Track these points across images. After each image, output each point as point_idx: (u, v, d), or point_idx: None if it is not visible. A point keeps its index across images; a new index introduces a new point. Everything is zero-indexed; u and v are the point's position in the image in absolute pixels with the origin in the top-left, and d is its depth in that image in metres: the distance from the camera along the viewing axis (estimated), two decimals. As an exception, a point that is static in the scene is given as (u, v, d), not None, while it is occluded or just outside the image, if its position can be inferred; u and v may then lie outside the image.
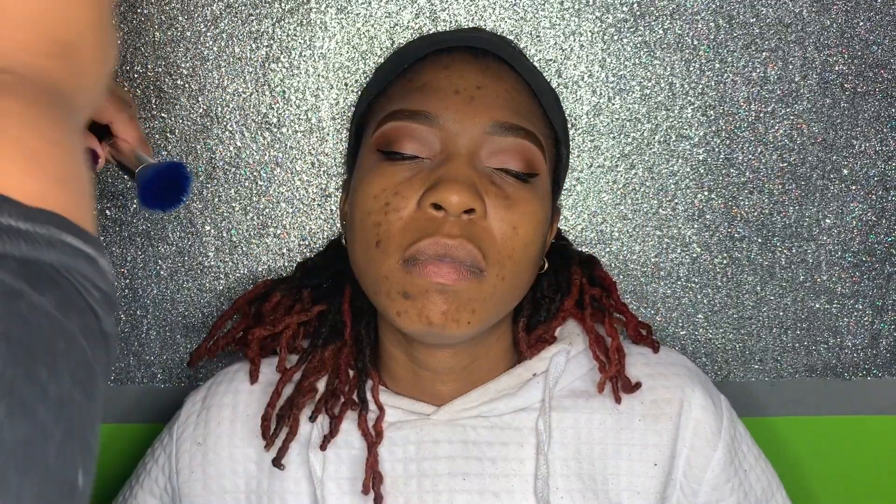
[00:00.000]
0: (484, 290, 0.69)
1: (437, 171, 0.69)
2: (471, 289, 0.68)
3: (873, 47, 0.90)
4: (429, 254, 0.67)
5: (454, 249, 0.67)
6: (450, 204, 0.67)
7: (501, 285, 0.70)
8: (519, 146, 0.71)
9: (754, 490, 0.79)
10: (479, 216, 0.68)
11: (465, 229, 0.68)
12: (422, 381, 0.76)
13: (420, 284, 0.67)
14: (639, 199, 0.92)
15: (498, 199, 0.69)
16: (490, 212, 0.69)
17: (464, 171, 0.69)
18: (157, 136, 0.90)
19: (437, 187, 0.68)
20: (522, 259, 0.71)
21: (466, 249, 0.67)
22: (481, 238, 0.68)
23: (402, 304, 0.68)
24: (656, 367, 0.79)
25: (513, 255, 0.70)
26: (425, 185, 0.69)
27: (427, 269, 0.67)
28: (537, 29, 0.89)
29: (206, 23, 0.89)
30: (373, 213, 0.70)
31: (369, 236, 0.70)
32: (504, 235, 0.69)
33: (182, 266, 0.93)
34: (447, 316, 0.67)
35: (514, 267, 0.70)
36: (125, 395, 0.96)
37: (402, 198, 0.69)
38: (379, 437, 0.74)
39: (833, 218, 0.93)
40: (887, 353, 0.96)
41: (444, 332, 0.68)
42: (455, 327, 0.68)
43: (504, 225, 0.69)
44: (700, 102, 0.91)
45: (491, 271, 0.69)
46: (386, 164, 0.71)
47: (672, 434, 0.75)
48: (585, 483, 0.74)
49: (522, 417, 0.75)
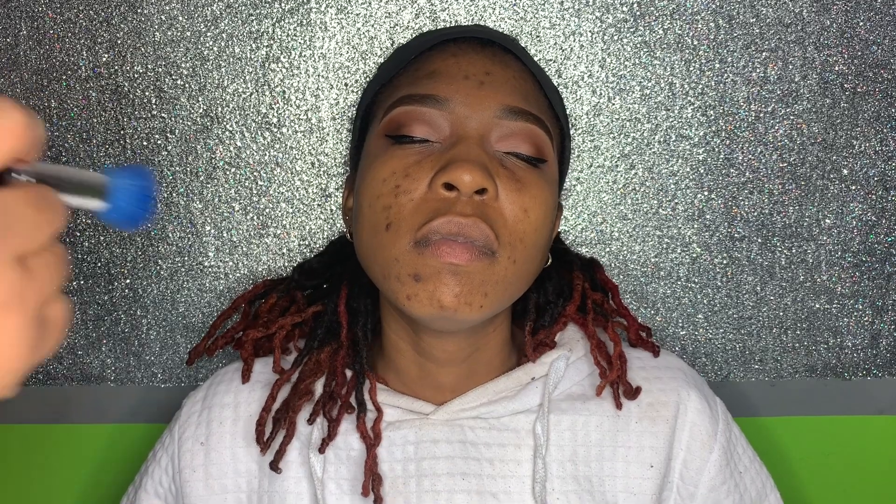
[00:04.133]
0: (496, 272, 0.68)
1: (449, 152, 0.68)
2: (483, 270, 0.67)
3: (873, 47, 0.90)
4: (442, 233, 0.66)
5: (468, 228, 0.66)
6: (462, 183, 0.66)
7: (513, 268, 0.69)
8: (529, 130, 0.71)
9: (749, 492, 0.79)
10: (491, 197, 0.68)
11: (478, 209, 0.67)
12: (426, 374, 0.76)
13: (432, 265, 0.66)
14: (639, 199, 0.92)
15: (509, 181, 0.69)
16: (501, 194, 0.69)
17: (475, 152, 0.68)
18: (158, 136, 0.90)
19: (449, 167, 0.67)
20: (533, 243, 0.70)
21: (480, 228, 0.67)
22: (493, 219, 0.68)
23: (412, 287, 0.67)
24: (653, 370, 0.79)
25: (524, 238, 0.69)
26: (436, 166, 0.68)
27: (440, 249, 0.66)
28: (537, 29, 0.89)
29: (206, 23, 0.89)
30: (382, 196, 0.69)
31: (379, 220, 0.69)
32: (515, 217, 0.69)
33: (182, 266, 0.93)
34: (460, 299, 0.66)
35: (525, 250, 0.70)
36: (125, 395, 0.96)
37: (413, 179, 0.68)
38: (377, 439, 0.74)
39: (833, 218, 0.93)
40: (887, 353, 0.96)
41: (457, 315, 0.67)
42: (468, 311, 0.67)
43: (515, 207, 0.69)
44: (700, 102, 0.91)
45: (503, 253, 0.68)
46: (395, 147, 0.70)
47: (668, 437, 0.75)
48: (581, 485, 0.74)
49: (520, 419, 0.75)
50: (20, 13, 0.88)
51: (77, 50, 0.89)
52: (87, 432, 0.97)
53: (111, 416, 0.96)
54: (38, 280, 0.37)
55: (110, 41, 0.89)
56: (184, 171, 0.91)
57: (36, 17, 0.89)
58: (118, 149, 0.90)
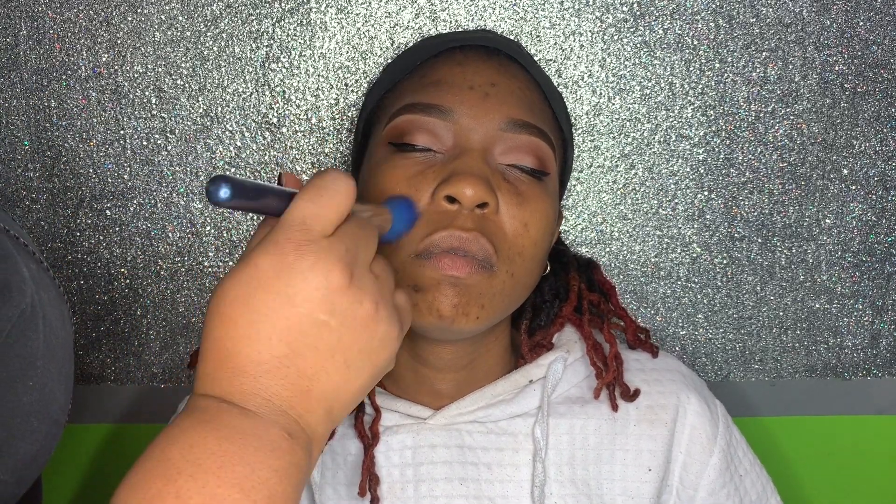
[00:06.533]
0: (494, 285, 0.68)
1: (451, 164, 0.69)
2: (481, 283, 0.68)
3: (873, 47, 0.90)
4: (443, 247, 0.67)
5: (468, 242, 0.67)
6: (464, 197, 0.66)
7: (510, 282, 0.69)
8: (532, 144, 0.71)
9: (749, 495, 0.79)
10: (492, 211, 0.68)
11: (478, 223, 0.68)
12: (422, 380, 0.76)
13: (432, 277, 0.67)
14: (639, 199, 0.92)
15: (510, 195, 0.69)
16: (502, 208, 0.69)
17: (478, 165, 0.68)
18: (157, 136, 0.90)
19: (451, 180, 0.67)
20: (531, 257, 0.70)
21: (480, 243, 0.67)
22: (493, 233, 0.68)
23: (412, 297, 0.67)
24: (652, 372, 0.78)
25: (523, 252, 0.70)
26: (438, 178, 0.68)
27: (441, 262, 0.66)
28: (537, 29, 0.89)
29: (206, 23, 0.89)
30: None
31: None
32: (515, 232, 0.69)
33: (182, 266, 0.93)
34: (457, 309, 0.67)
35: (524, 264, 0.70)
36: (125, 395, 0.96)
37: (415, 190, 0.68)
38: (375, 439, 0.74)
39: (833, 218, 0.93)
40: (887, 353, 0.96)
41: (454, 325, 0.67)
42: (464, 321, 0.67)
43: (515, 222, 0.69)
44: (700, 102, 0.91)
45: (501, 267, 0.68)
46: (398, 157, 0.70)
47: (667, 440, 0.75)
48: (580, 488, 0.73)
49: (518, 423, 0.74)
50: (20, 13, 0.88)
51: (77, 50, 0.89)
52: (87, 432, 0.97)
53: (111, 416, 0.96)
54: (383, 280, 0.51)
55: (110, 41, 0.89)
56: (184, 171, 0.91)
57: (36, 17, 0.89)
58: (118, 149, 0.90)
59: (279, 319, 0.46)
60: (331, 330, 0.47)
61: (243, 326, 0.46)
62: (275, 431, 0.46)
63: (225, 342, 0.47)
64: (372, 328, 0.49)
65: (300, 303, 0.46)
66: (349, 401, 0.50)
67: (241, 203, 0.47)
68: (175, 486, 0.43)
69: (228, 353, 0.47)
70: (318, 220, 0.48)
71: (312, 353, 0.47)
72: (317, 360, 0.47)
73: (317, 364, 0.47)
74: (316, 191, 0.48)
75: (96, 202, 0.91)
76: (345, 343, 0.48)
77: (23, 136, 0.90)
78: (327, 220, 0.48)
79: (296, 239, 0.47)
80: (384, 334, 0.50)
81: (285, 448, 0.46)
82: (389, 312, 0.50)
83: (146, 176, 0.91)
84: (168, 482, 0.43)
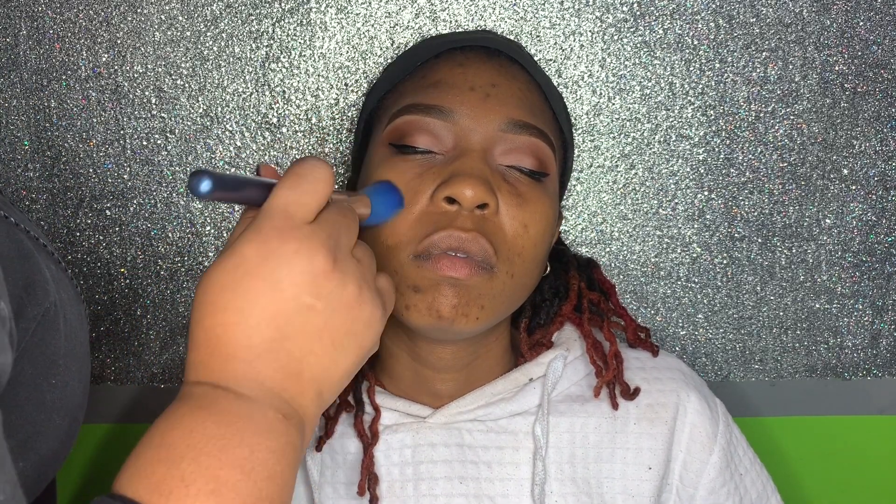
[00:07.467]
0: (493, 286, 0.68)
1: (451, 165, 0.69)
2: (481, 284, 0.68)
3: (873, 47, 0.90)
4: (442, 247, 0.67)
5: (468, 243, 0.67)
6: (464, 198, 0.67)
7: (510, 283, 0.69)
8: (532, 145, 0.71)
9: (749, 494, 0.79)
10: (492, 212, 0.68)
11: (478, 224, 0.68)
12: (421, 380, 0.76)
13: (431, 278, 0.67)
14: (639, 199, 0.92)
15: (510, 196, 0.69)
16: (502, 208, 0.69)
17: (478, 166, 0.68)
18: (157, 136, 0.90)
19: (451, 181, 0.67)
20: (531, 257, 0.70)
21: (479, 244, 0.67)
22: (493, 234, 0.68)
23: (411, 297, 0.68)
24: (652, 371, 0.78)
25: (522, 252, 0.70)
26: (438, 179, 0.68)
27: (440, 263, 0.66)
28: (537, 29, 0.89)
29: (206, 23, 0.89)
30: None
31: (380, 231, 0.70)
32: (515, 233, 0.69)
33: (182, 266, 0.93)
34: (457, 310, 0.67)
35: (523, 265, 0.70)
36: (125, 395, 0.96)
37: (415, 192, 0.68)
38: (375, 438, 0.74)
39: (833, 218, 0.93)
40: (887, 353, 0.96)
41: (453, 326, 0.67)
42: (464, 322, 0.67)
43: (515, 223, 0.69)
44: (700, 102, 0.91)
45: (501, 268, 0.69)
46: (398, 158, 0.70)
47: (667, 438, 0.75)
48: (580, 487, 0.73)
49: (518, 422, 0.74)
50: (20, 13, 0.89)
51: (77, 50, 0.89)
52: (87, 432, 0.97)
53: (111, 416, 0.96)
54: (365, 263, 0.53)
55: (110, 41, 0.89)
56: (184, 171, 0.91)
57: (36, 17, 0.89)
58: (118, 149, 0.90)
59: (267, 304, 0.47)
60: (317, 313, 0.48)
61: (233, 313, 0.47)
62: (270, 413, 0.47)
63: (215, 329, 0.47)
64: (357, 310, 0.50)
65: (286, 287, 0.47)
66: (338, 381, 0.51)
67: (223, 195, 0.48)
68: (179, 470, 0.43)
69: (219, 340, 0.47)
70: (300, 207, 0.49)
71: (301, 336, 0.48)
72: (305, 342, 0.48)
73: (305, 346, 0.48)
74: (295, 179, 0.50)
75: (96, 202, 0.91)
76: (331, 325, 0.49)
77: (23, 136, 0.90)
78: (308, 207, 0.49)
79: (279, 226, 0.48)
80: (369, 316, 0.51)
81: (281, 429, 0.47)
82: (373, 295, 0.52)
83: (146, 176, 0.91)
84: (171, 466, 0.43)
